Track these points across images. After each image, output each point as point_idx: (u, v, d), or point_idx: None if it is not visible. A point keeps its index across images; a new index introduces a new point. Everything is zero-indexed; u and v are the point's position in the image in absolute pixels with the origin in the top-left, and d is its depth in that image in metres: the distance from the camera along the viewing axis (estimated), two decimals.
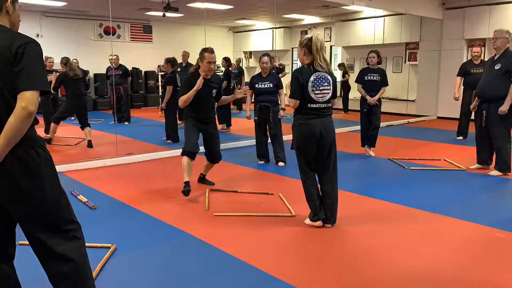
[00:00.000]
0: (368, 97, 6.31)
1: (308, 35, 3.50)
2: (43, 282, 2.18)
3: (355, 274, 2.81)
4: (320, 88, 3.47)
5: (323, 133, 3.50)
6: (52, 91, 7.20)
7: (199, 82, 4.36)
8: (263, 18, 13.68)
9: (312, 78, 3.46)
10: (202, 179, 4.98)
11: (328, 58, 3.47)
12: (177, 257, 3.09)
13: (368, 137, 6.56)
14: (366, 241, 3.36)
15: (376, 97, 6.30)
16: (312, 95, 3.47)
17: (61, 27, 12.15)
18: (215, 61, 4.46)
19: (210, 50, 4.41)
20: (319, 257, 3.09)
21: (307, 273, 2.82)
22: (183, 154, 4.46)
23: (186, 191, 4.31)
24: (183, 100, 4.43)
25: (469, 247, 3.25)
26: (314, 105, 3.50)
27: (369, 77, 6.38)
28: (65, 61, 7.14)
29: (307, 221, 3.67)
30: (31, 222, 1.91)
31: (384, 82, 6.38)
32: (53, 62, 8.26)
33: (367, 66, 6.50)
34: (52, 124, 7.09)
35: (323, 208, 3.61)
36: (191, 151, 4.43)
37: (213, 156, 4.75)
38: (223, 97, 4.83)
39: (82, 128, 7.17)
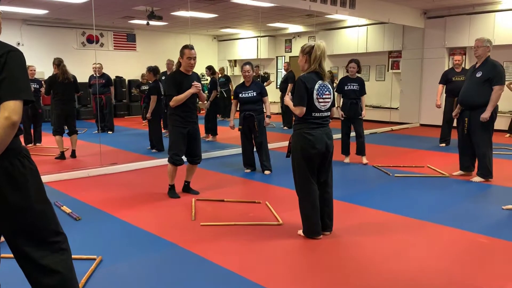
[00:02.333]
0: (342, 114, 6.55)
1: (311, 43, 3.44)
2: None
3: (343, 282, 2.81)
4: (323, 97, 3.47)
5: (328, 142, 3.49)
6: (44, 95, 7.14)
7: (197, 88, 4.57)
8: (248, 27, 13.75)
9: (316, 86, 3.44)
10: (187, 187, 4.96)
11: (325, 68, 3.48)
12: (164, 268, 3.05)
13: (357, 146, 6.64)
14: (353, 248, 3.37)
15: (364, 111, 6.52)
16: (316, 103, 3.44)
17: (42, 35, 12.02)
18: (195, 57, 4.61)
19: (190, 47, 4.57)
20: (307, 266, 3.08)
21: (295, 282, 2.81)
22: (170, 162, 4.68)
23: (172, 194, 4.71)
24: (177, 100, 4.56)
25: (453, 252, 3.29)
26: (318, 114, 3.47)
27: (349, 86, 6.49)
28: (58, 62, 6.83)
29: (300, 232, 3.63)
30: (16, 234, 1.86)
31: (362, 91, 6.51)
32: (34, 71, 8.10)
33: (346, 75, 6.60)
34: (57, 137, 6.82)
35: (323, 216, 3.58)
36: (178, 162, 4.68)
37: (194, 155, 4.81)
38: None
39: (70, 134, 6.97)
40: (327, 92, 3.50)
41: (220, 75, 11.81)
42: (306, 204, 3.54)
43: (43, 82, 7.75)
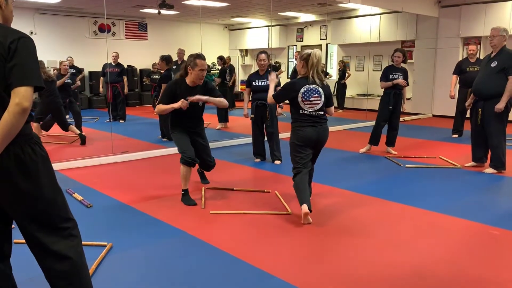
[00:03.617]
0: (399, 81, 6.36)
1: (309, 51, 3.79)
2: (40, 281, 2.16)
3: (351, 271, 2.81)
4: (310, 99, 3.78)
5: (318, 138, 3.85)
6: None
7: (180, 105, 4.02)
8: (259, 16, 13.66)
9: (302, 90, 3.78)
10: (201, 173, 4.94)
11: (321, 71, 3.89)
12: (173, 255, 3.07)
13: (389, 138, 6.63)
14: (362, 238, 3.36)
15: (405, 103, 6.58)
16: (302, 105, 3.80)
17: (55, 24, 12.07)
18: (206, 68, 4.17)
19: (202, 57, 4.12)
20: (315, 255, 3.09)
21: (303, 271, 2.81)
22: (183, 162, 4.16)
23: (187, 200, 4.18)
24: (160, 109, 4.20)
25: (463, 244, 3.26)
26: (306, 112, 3.81)
27: (394, 75, 6.41)
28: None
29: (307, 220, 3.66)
30: (27, 220, 1.89)
31: (406, 81, 6.47)
32: (67, 66, 8.29)
33: (391, 64, 6.53)
34: (35, 124, 7.00)
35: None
36: (192, 160, 4.17)
37: (207, 164, 4.57)
38: (217, 99, 4.33)
39: (67, 128, 7.17)
40: (316, 95, 3.79)
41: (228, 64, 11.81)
42: (297, 186, 3.81)
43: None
